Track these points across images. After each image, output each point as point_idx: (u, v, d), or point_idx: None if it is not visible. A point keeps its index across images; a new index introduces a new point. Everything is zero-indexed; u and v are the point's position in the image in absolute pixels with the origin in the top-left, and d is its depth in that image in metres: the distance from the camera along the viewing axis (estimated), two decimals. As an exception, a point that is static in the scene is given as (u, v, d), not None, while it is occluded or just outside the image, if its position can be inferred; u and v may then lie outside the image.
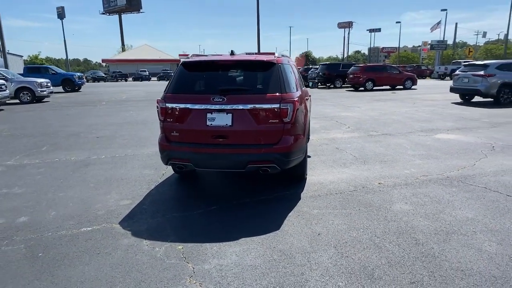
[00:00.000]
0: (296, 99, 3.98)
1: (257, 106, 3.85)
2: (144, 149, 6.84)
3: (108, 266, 2.78)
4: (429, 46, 46.73)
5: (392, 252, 2.92)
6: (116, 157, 6.25)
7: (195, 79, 4.24)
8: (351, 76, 22.61)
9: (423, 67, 42.03)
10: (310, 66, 36.07)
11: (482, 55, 48.76)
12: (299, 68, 33.44)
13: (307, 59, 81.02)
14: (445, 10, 43.51)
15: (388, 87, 22.94)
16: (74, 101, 17.75)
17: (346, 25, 72.16)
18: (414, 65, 43.55)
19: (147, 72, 56.76)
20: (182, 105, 3.99)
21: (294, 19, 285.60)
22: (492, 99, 12.88)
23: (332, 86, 26.00)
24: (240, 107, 3.85)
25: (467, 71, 13.34)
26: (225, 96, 3.86)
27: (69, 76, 25.33)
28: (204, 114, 3.93)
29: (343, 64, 26.33)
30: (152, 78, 55.74)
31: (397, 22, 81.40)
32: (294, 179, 4.76)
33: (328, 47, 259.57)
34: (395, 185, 4.55)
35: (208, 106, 3.90)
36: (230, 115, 3.87)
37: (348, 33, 72.23)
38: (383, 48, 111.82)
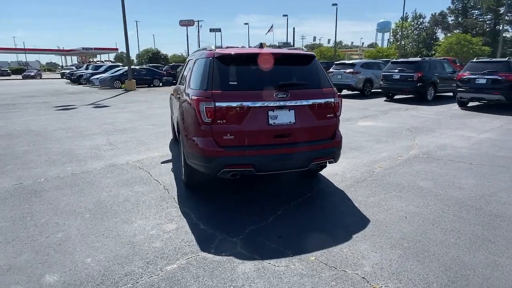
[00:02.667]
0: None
1: (317, 101, 3.77)
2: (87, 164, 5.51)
3: None
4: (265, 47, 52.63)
5: (461, 216, 3.45)
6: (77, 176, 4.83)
7: (241, 74, 3.74)
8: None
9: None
10: (172, 64, 34.83)
11: (317, 56, 57.97)
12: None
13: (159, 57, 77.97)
14: (286, 15, 49.72)
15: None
16: None
17: (188, 23, 72.60)
18: None
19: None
20: (238, 104, 3.51)
21: (141, 13, 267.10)
22: (359, 92, 15.76)
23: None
24: (304, 102, 3.69)
25: (340, 69, 15.86)
26: (288, 92, 3.61)
27: None
28: (265, 112, 3.57)
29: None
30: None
31: (245, 24, 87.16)
32: (314, 174, 4.82)
33: (175, 44, 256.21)
34: (392, 167, 5.21)
35: (271, 103, 3.57)
36: (292, 111, 3.65)
37: (198, 31, 73.17)
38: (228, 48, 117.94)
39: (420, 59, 13.70)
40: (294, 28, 58.99)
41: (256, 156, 3.57)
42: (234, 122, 3.53)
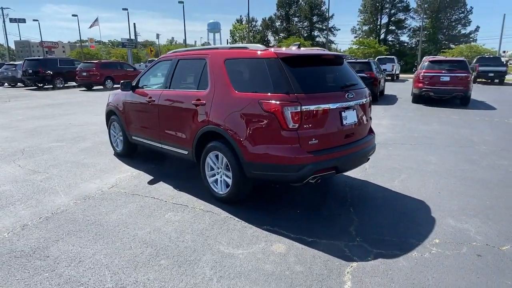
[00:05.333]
0: None
1: (367, 99, 3.94)
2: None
3: None
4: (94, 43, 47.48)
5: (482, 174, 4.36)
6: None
7: (310, 75, 3.50)
8: (84, 74, 20.14)
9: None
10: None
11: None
12: None
13: None
14: (126, 9, 45.86)
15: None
16: None
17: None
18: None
19: None
20: (321, 106, 3.33)
21: None
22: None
23: (51, 86, 21.89)
24: (363, 101, 3.80)
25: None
26: (353, 92, 3.65)
27: None
28: (339, 113, 3.51)
29: (61, 60, 22.70)
30: None
31: (73, 15, 75.30)
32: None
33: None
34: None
35: (344, 104, 3.53)
36: (355, 111, 3.71)
37: (3, 21, 59.50)
38: (42, 42, 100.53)
39: None
40: (135, 23, 55.58)
41: (337, 158, 3.47)
42: (318, 125, 3.34)
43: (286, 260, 2.79)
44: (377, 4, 61.89)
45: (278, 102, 3.19)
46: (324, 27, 70.56)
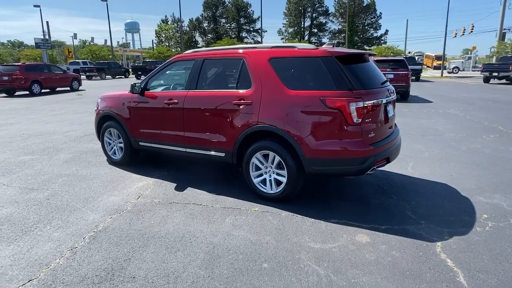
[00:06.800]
0: None
1: (395, 95, 4.27)
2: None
3: None
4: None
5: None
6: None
7: (360, 72, 3.65)
8: (5, 78, 17.65)
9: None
10: None
11: (87, 56, 51.51)
12: None
13: None
14: (38, 6, 41.11)
15: (48, 90, 19.95)
16: None
17: None
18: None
19: None
20: (378, 101, 3.55)
21: None
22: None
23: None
24: (394, 97, 4.10)
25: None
26: (390, 88, 3.94)
27: None
28: (385, 107, 3.77)
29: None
30: None
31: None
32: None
33: None
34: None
35: (388, 99, 3.81)
36: (391, 105, 4.00)
37: None
38: None
39: None
40: (48, 22, 50.12)
41: (389, 149, 3.72)
42: (374, 119, 3.54)
43: (379, 248, 2.93)
44: (300, 8, 65.33)
45: (343, 99, 3.31)
46: (251, 29, 72.12)
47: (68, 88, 20.73)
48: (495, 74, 22.25)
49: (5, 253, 2.94)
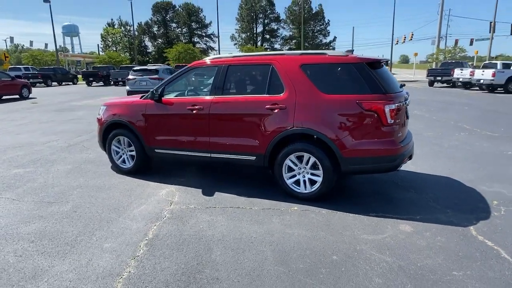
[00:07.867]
0: None
1: (408, 98, 4.70)
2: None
3: None
4: None
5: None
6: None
7: (383, 77, 3.99)
8: None
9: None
10: None
11: (29, 61, 47.44)
12: None
13: None
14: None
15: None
16: None
17: None
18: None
19: None
20: (401, 104, 3.91)
21: None
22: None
23: None
24: (409, 100, 4.52)
25: (143, 75, 15.15)
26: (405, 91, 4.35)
27: None
28: (405, 108, 4.16)
29: None
30: None
31: None
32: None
33: None
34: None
35: (407, 102, 4.19)
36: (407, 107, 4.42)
37: None
38: None
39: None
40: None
41: (411, 147, 4.12)
42: (400, 120, 3.90)
43: (424, 235, 3.26)
44: (252, 14, 66.41)
45: (380, 102, 3.63)
46: (203, 34, 71.73)
47: (17, 96, 19.12)
48: (438, 78, 24.59)
49: (64, 268, 2.81)
